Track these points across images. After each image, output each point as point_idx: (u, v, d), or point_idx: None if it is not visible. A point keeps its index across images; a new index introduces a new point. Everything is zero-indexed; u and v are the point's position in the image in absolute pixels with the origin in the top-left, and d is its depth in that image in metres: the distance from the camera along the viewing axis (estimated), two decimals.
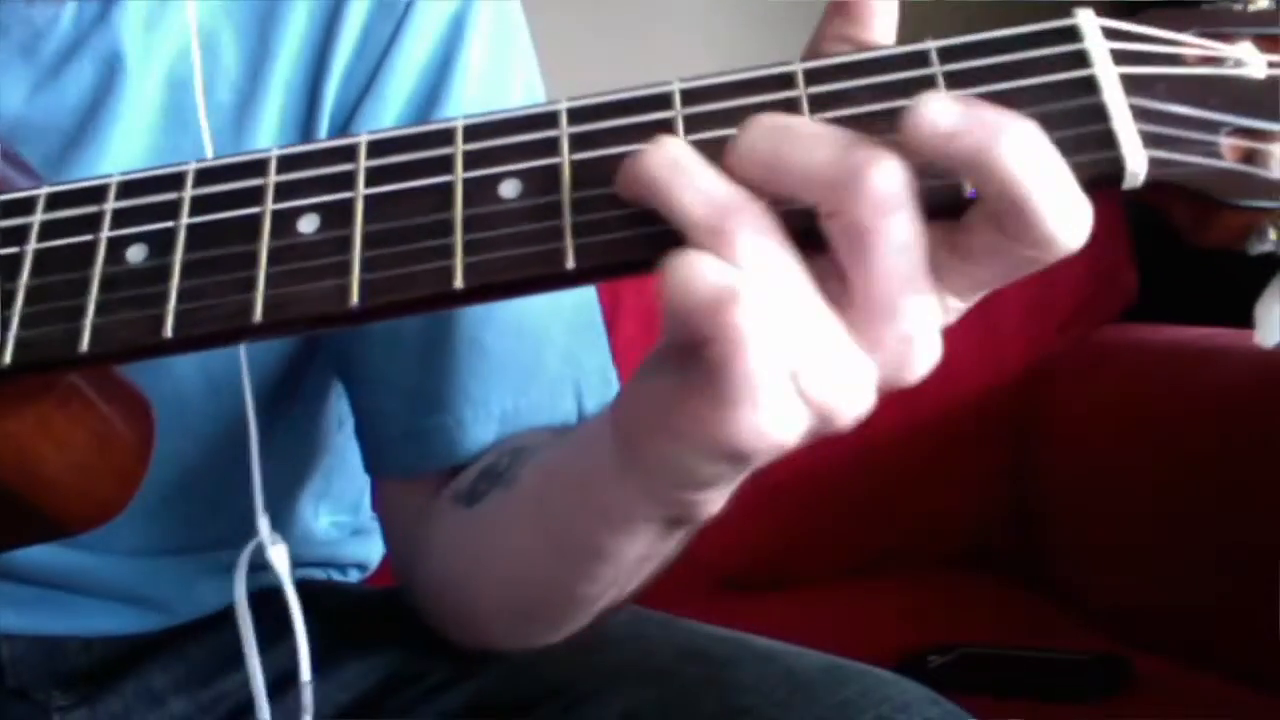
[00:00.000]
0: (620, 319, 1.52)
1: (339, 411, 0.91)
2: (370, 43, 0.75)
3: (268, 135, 0.74)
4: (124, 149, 0.72)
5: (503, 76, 0.77)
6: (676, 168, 0.44)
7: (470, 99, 0.75)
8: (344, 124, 0.75)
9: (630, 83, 0.49)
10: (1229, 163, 0.46)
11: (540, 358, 0.75)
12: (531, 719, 0.72)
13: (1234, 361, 1.42)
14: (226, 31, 0.74)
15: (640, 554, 0.57)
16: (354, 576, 0.94)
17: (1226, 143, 0.46)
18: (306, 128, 0.75)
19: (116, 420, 0.55)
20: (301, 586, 0.86)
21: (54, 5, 0.72)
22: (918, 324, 0.45)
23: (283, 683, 0.74)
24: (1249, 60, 0.47)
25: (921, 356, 0.46)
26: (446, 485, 0.74)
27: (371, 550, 0.95)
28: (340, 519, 0.93)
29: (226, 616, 0.82)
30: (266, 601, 0.70)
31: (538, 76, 0.79)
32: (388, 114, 0.74)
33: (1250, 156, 0.46)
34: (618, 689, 0.70)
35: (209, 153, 0.71)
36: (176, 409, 0.69)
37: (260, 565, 0.83)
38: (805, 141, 0.44)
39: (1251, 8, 0.48)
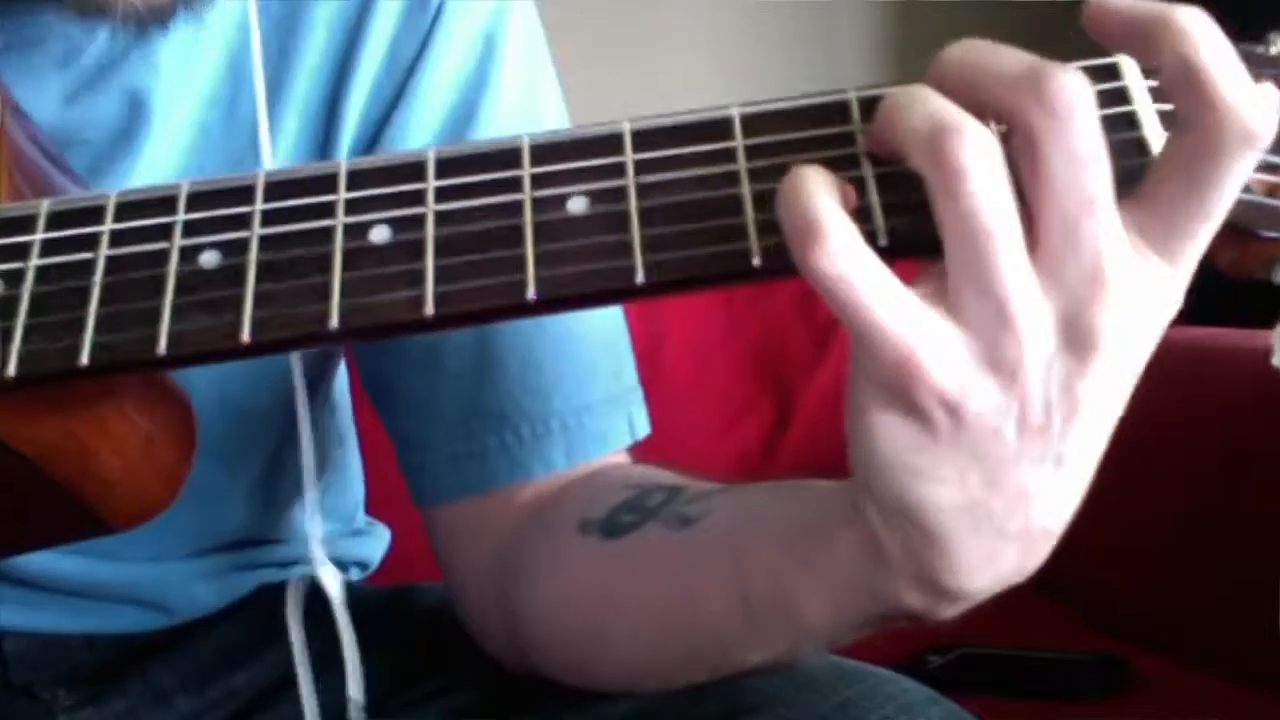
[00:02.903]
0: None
1: (339, 427, 0.91)
2: (397, 58, 0.74)
3: (285, 151, 0.74)
4: (157, 168, 0.72)
5: (535, 91, 0.78)
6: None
7: (506, 115, 0.75)
8: (371, 140, 0.75)
9: (638, 90, 0.49)
10: (1257, 196, 0.48)
11: (593, 372, 0.75)
12: (532, 717, 0.72)
13: (1235, 362, 1.42)
14: (250, 48, 0.74)
15: (831, 632, 0.56)
16: (355, 575, 0.94)
17: (1254, 177, 0.48)
18: (325, 144, 0.75)
19: (164, 421, 0.56)
20: (303, 585, 0.87)
21: (93, 20, 0.71)
22: (1104, 261, 0.45)
23: (289, 681, 0.74)
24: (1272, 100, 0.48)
25: (1109, 302, 0.45)
26: (550, 511, 0.72)
27: (371, 549, 0.95)
28: (334, 527, 0.93)
29: (228, 615, 0.82)
30: (267, 598, 0.70)
31: (558, 86, 0.80)
32: (420, 130, 0.74)
33: (1275, 190, 0.48)
34: None
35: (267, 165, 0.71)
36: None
37: (262, 563, 0.84)
38: (1002, 52, 0.46)
39: (1274, 50, 0.50)
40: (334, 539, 0.93)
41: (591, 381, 0.74)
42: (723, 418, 1.74)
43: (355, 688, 0.69)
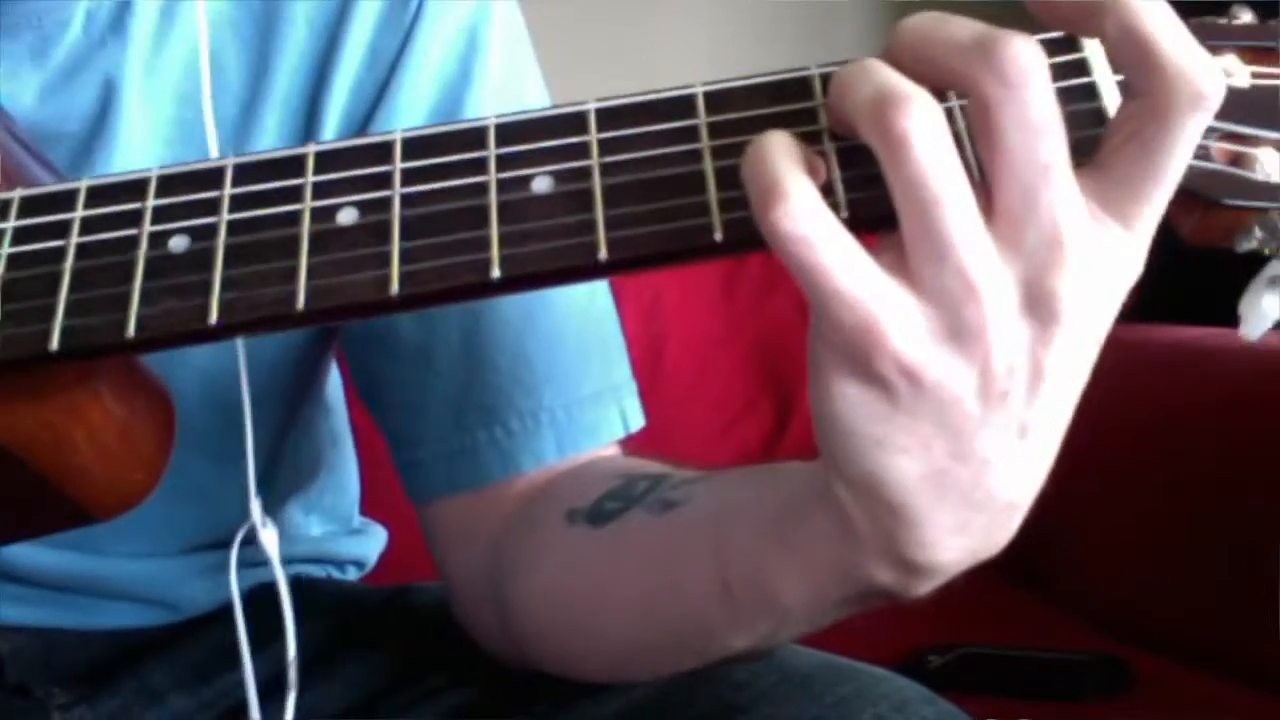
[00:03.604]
0: (621, 320, 1.52)
1: (333, 428, 0.91)
2: (379, 55, 0.75)
3: (266, 148, 0.74)
4: (132, 160, 0.72)
5: (519, 86, 0.78)
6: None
7: (490, 110, 0.75)
8: (353, 135, 0.75)
9: (627, 79, 0.50)
10: (1218, 164, 0.49)
11: (584, 366, 0.75)
12: (529, 717, 0.72)
13: (1234, 361, 1.42)
14: (232, 45, 0.74)
15: (808, 612, 0.56)
16: (352, 574, 0.94)
17: (1216, 146, 0.49)
18: (306, 141, 0.74)
19: (141, 410, 0.57)
20: (300, 583, 0.87)
21: (67, 6, 0.71)
22: (1062, 227, 0.45)
23: (281, 679, 0.74)
24: (1234, 70, 0.49)
25: (1069, 268, 0.45)
26: (539, 502, 0.72)
27: (368, 548, 0.95)
28: (331, 526, 0.93)
29: (225, 613, 0.82)
30: (264, 597, 0.70)
31: (542, 81, 0.80)
32: (404, 124, 0.74)
33: (1237, 159, 0.49)
34: (615, 687, 0.70)
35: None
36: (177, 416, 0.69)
37: (258, 561, 0.83)
38: (953, 22, 0.46)
39: (1236, 22, 0.51)
40: (331, 538, 0.93)
41: (581, 376, 0.75)
42: (723, 418, 1.74)
43: (292, 648, 0.69)
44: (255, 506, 0.69)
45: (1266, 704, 1.23)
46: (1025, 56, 0.45)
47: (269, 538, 0.69)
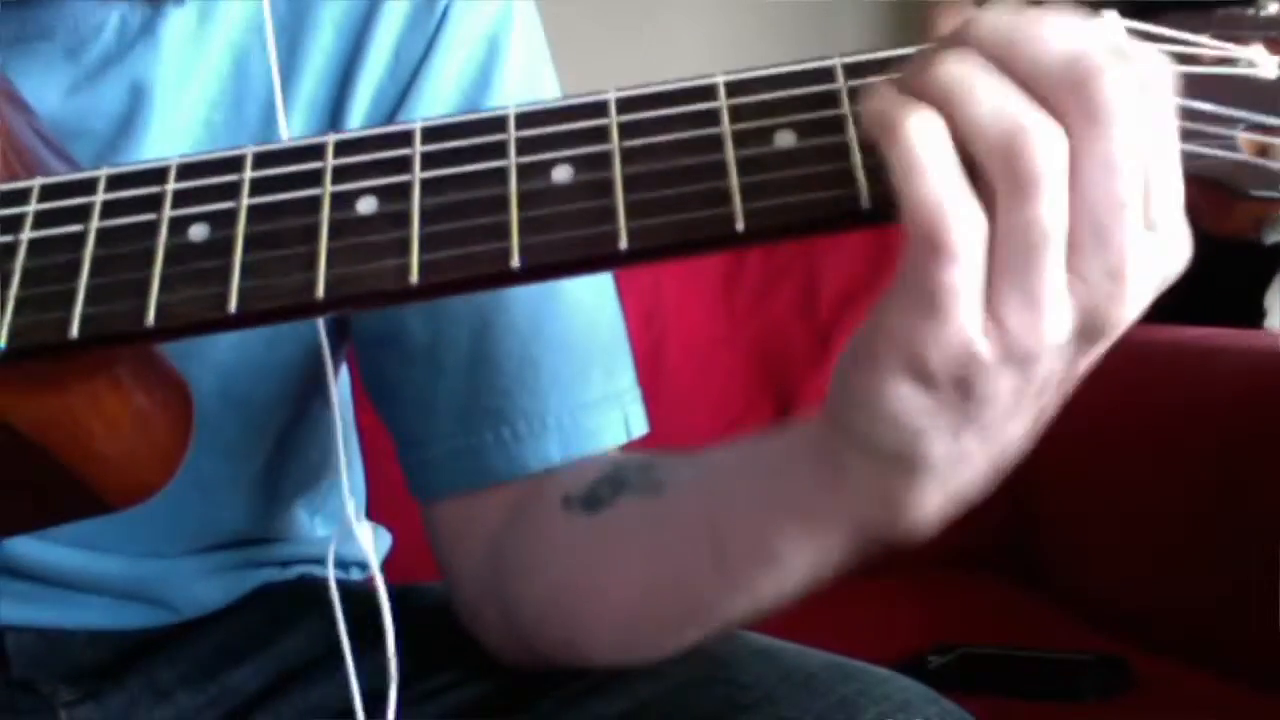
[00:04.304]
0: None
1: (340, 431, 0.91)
2: (402, 61, 0.75)
3: None
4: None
5: (537, 93, 0.78)
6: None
7: None
8: None
9: (629, 79, 0.50)
10: (1245, 155, 0.49)
11: (589, 372, 0.75)
12: (533, 715, 0.72)
13: (1234, 361, 1.42)
14: (258, 48, 0.75)
15: (810, 567, 0.58)
16: (356, 576, 0.94)
17: (1243, 137, 0.49)
18: None
19: (160, 401, 0.57)
20: (303, 584, 0.87)
21: (101, 11, 0.72)
22: (1130, 259, 0.46)
23: (289, 678, 0.74)
24: (1260, 61, 0.49)
25: (1129, 301, 0.47)
26: (536, 495, 0.73)
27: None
28: (336, 528, 0.93)
29: (231, 612, 0.83)
30: (269, 598, 0.71)
31: (559, 88, 0.80)
32: None
33: (1264, 150, 0.49)
34: (619, 686, 0.70)
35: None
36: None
37: (266, 562, 0.84)
38: (1045, 34, 0.45)
39: (1263, 13, 0.51)
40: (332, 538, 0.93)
41: (587, 380, 0.75)
42: (723, 418, 1.74)
43: (394, 665, 0.70)
44: (350, 509, 0.71)
45: (1266, 704, 1.23)
46: (1114, 90, 0.44)
47: (367, 539, 0.71)
